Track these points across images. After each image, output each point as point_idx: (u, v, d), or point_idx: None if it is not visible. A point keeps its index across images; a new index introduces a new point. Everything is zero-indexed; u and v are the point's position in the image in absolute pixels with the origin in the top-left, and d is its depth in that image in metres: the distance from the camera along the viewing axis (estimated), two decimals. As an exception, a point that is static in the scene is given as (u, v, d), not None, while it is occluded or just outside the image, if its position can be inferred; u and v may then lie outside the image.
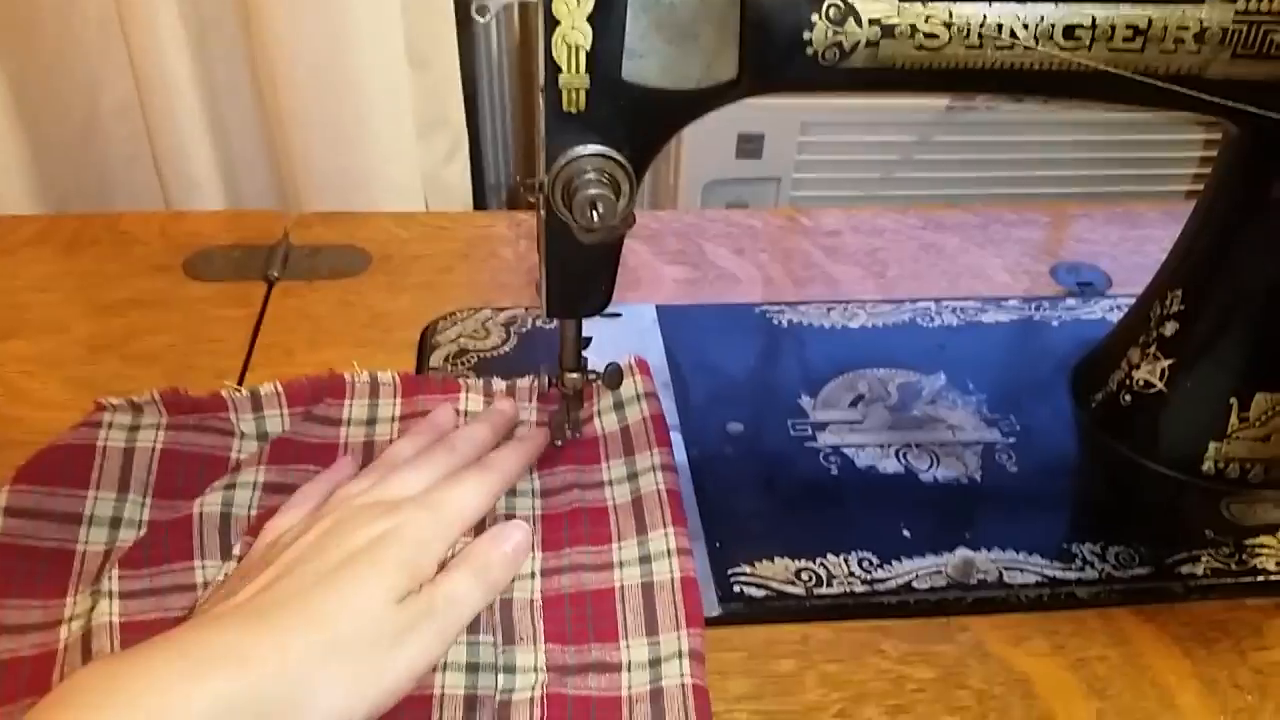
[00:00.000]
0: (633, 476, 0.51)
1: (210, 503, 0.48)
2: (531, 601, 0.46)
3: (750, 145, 0.92)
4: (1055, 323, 0.67)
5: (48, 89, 0.85)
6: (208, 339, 0.63)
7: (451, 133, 0.91)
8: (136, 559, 0.46)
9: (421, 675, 0.41)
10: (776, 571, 0.49)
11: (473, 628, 0.44)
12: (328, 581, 0.40)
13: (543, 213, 0.44)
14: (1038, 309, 0.68)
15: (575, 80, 0.40)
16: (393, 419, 0.54)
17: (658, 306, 0.65)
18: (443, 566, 0.44)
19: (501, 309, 0.65)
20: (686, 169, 0.94)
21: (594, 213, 0.41)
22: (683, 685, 0.42)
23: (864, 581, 0.48)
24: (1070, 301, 0.69)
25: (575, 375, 0.52)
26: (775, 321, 0.65)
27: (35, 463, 0.49)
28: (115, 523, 0.49)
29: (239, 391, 0.54)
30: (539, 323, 0.64)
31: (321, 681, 0.37)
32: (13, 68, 0.81)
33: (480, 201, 0.98)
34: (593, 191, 0.41)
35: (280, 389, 0.54)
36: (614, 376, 0.53)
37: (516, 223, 0.75)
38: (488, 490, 0.48)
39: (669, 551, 0.47)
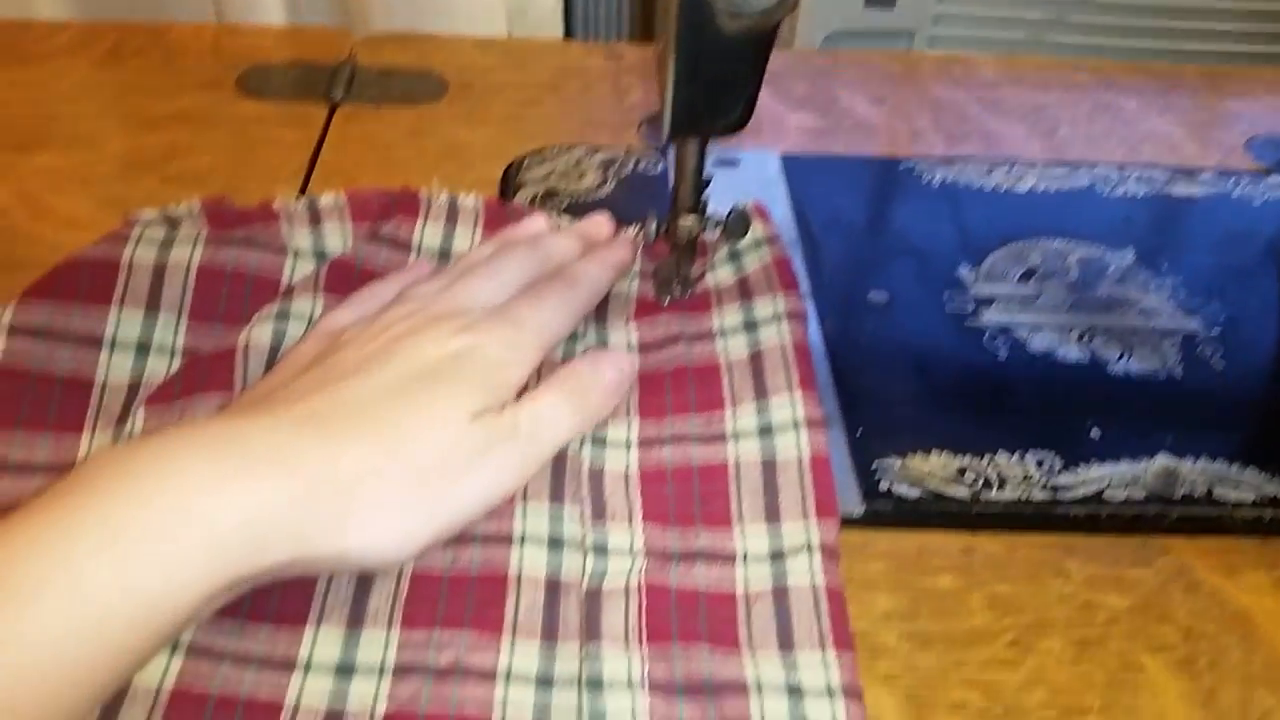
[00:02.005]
0: (751, 326, 0.41)
1: (259, 332, 0.40)
2: (626, 474, 0.37)
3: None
4: (1257, 202, 0.55)
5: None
6: (259, 162, 0.54)
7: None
8: (167, 394, 0.38)
9: (495, 504, 0.35)
10: (934, 468, 0.39)
11: (556, 496, 0.36)
12: (396, 394, 0.34)
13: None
14: (1235, 185, 0.56)
15: None
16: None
17: (783, 156, 0.55)
18: (521, 393, 0.37)
19: (598, 148, 0.55)
20: (805, 17, 0.82)
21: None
22: (813, 585, 0.33)
23: (1044, 487, 0.39)
24: (1274, 179, 0.57)
25: (691, 220, 0.42)
26: (925, 179, 0.54)
27: (50, 278, 0.41)
28: (143, 349, 0.40)
29: (294, 202, 0.45)
30: (643, 166, 0.54)
31: (376, 501, 0.31)
32: None
33: (570, 33, 0.87)
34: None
35: (343, 201, 0.45)
36: (739, 222, 0.43)
37: (616, 55, 0.65)
38: (573, 306, 0.40)
39: (795, 423, 0.37)
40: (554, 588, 0.33)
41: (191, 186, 0.52)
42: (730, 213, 0.43)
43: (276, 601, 0.32)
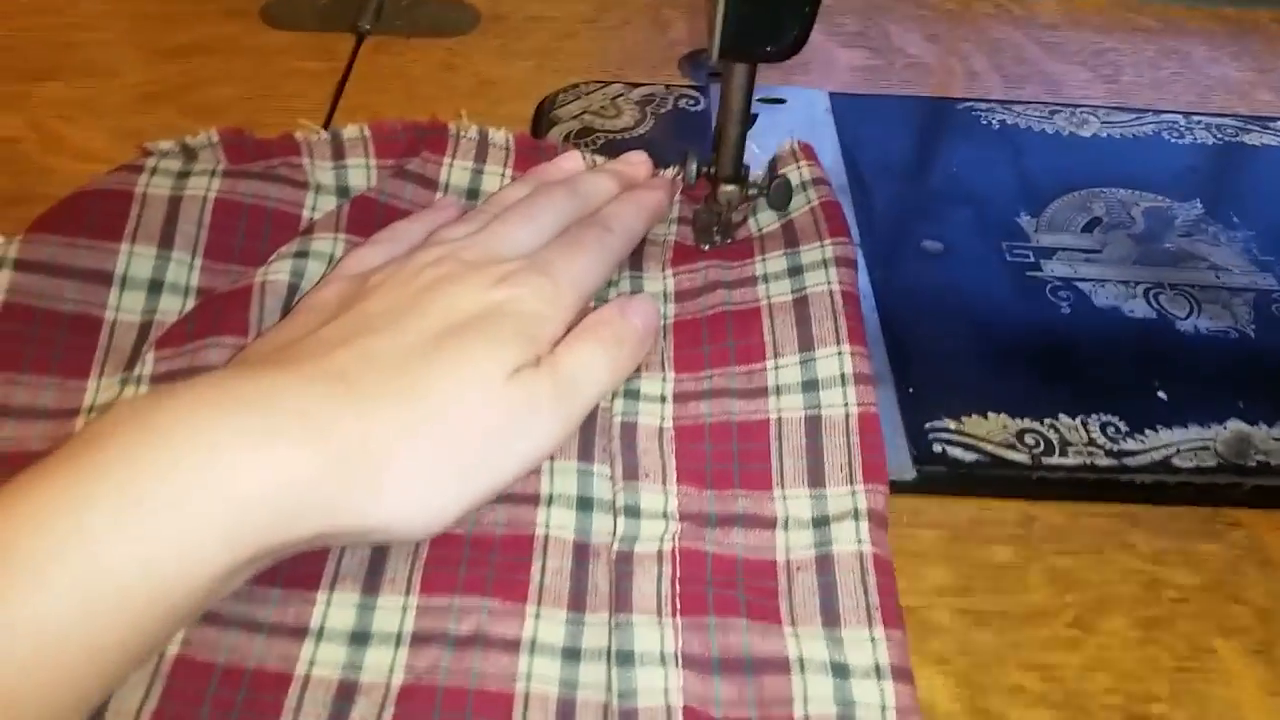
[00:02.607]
0: (796, 271, 0.38)
1: (277, 270, 0.38)
2: (661, 430, 0.35)
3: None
4: (1335, 154, 0.52)
5: None
6: (282, 94, 0.52)
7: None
8: (179, 335, 0.36)
9: (534, 467, 0.33)
10: (991, 430, 0.37)
11: (585, 453, 0.34)
12: (431, 351, 0.31)
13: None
14: (1313, 135, 0.53)
15: None
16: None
17: (831, 94, 0.52)
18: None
19: (636, 84, 0.52)
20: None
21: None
22: (860, 554, 0.31)
23: (1109, 453, 0.36)
24: (1354, 129, 0.54)
25: (731, 190, 0.40)
26: (984, 121, 0.51)
27: (57, 211, 0.39)
28: (155, 287, 0.38)
29: (317, 133, 0.43)
30: (684, 103, 0.51)
31: (410, 470, 0.29)
32: None
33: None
34: None
35: (368, 134, 0.43)
36: (782, 192, 0.41)
37: (658, -13, 0.61)
38: (610, 254, 0.38)
39: (843, 377, 0.35)
40: (583, 551, 0.31)
41: (210, 119, 0.49)
42: (773, 180, 0.40)
43: (287, 565, 0.30)
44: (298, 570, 0.30)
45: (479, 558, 0.31)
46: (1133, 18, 0.62)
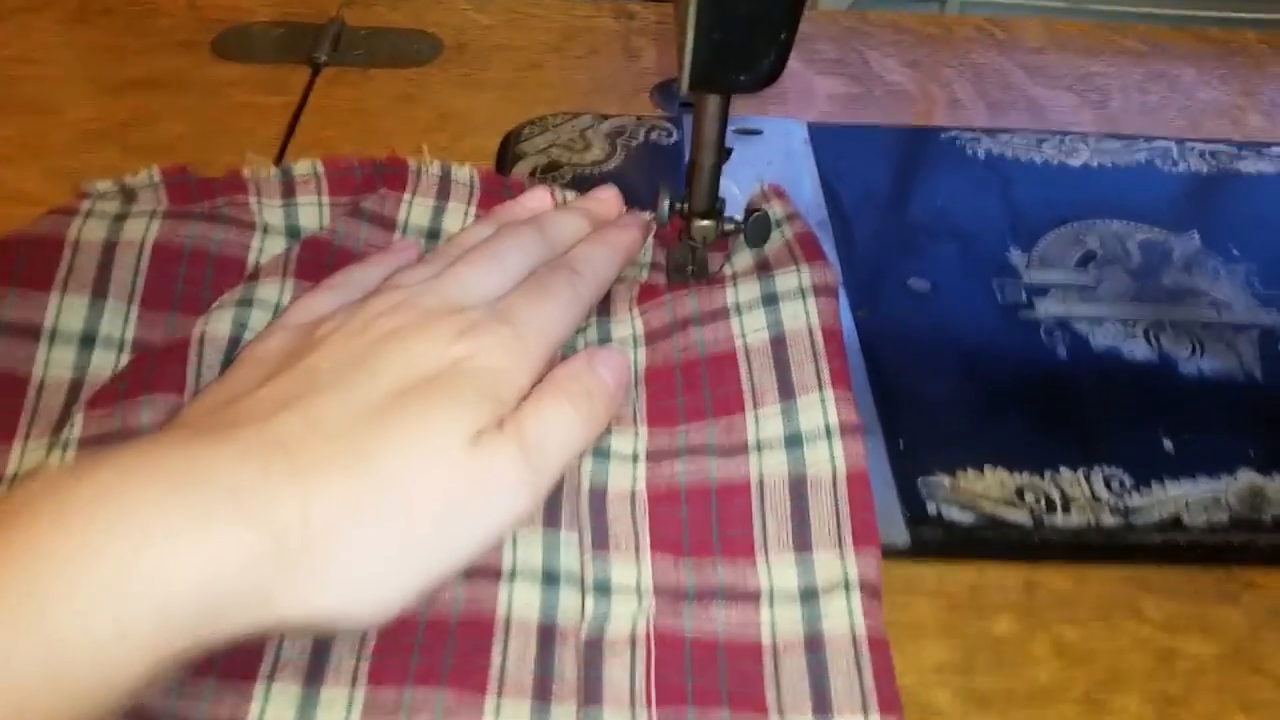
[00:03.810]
0: (771, 300, 0.35)
1: (217, 320, 0.35)
2: (633, 494, 0.32)
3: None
4: (1335, 180, 0.50)
5: None
6: (233, 129, 0.49)
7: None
8: (110, 394, 0.33)
9: (502, 540, 0.30)
10: (989, 487, 0.34)
11: (552, 520, 0.31)
12: (381, 415, 0.28)
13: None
14: (1310, 161, 0.51)
15: None
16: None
17: (810, 125, 0.50)
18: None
19: (606, 116, 0.50)
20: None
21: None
22: (852, 634, 0.28)
23: (1114, 511, 0.34)
24: (1351, 154, 0.52)
25: (706, 226, 0.37)
26: (969, 151, 0.49)
27: (-18, 261, 0.36)
28: (87, 341, 0.35)
29: (266, 170, 0.40)
30: (655, 136, 0.49)
31: (355, 554, 0.26)
32: None
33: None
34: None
35: (321, 170, 0.40)
36: (760, 227, 0.38)
37: (627, 14, 0.59)
38: (580, 301, 0.35)
39: (827, 429, 0.32)
40: (548, 635, 0.29)
41: (156, 157, 0.46)
42: (748, 217, 0.38)
43: (222, 654, 0.27)
44: (234, 660, 0.28)
45: (434, 643, 0.28)
46: (1118, 39, 0.60)
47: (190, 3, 0.59)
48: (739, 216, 0.38)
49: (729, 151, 0.37)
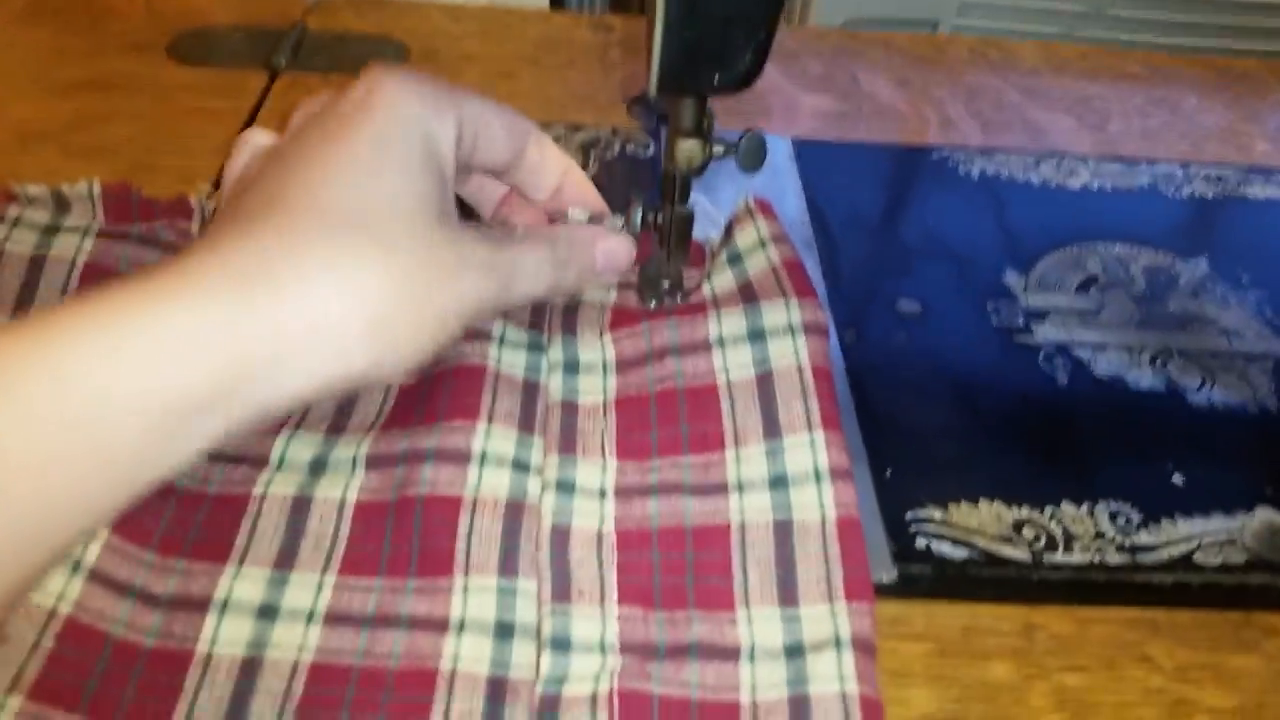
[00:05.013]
0: (758, 337, 0.32)
1: None
2: (600, 535, 0.29)
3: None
4: (1344, 207, 0.48)
5: None
6: (180, 134, 0.46)
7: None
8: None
9: (457, 333, 0.27)
10: (983, 522, 0.31)
11: (508, 565, 0.28)
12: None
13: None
14: (1318, 188, 0.48)
15: None
16: None
17: (795, 141, 0.47)
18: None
19: (579, 127, 0.47)
20: (819, 2, 0.75)
21: None
22: (843, 695, 0.25)
23: (1121, 548, 0.31)
24: (1360, 182, 0.49)
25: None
26: (962, 171, 0.46)
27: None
28: None
29: (213, 199, 0.38)
30: (631, 149, 0.46)
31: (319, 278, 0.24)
32: None
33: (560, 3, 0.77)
34: None
35: None
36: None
37: (604, 26, 0.57)
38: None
39: (816, 472, 0.29)
40: (498, 690, 0.25)
41: (98, 161, 0.44)
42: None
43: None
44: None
45: (366, 699, 0.25)
46: (1118, 64, 0.57)
47: (148, 4, 0.56)
48: (715, 237, 0.36)
49: (705, 164, 0.34)
